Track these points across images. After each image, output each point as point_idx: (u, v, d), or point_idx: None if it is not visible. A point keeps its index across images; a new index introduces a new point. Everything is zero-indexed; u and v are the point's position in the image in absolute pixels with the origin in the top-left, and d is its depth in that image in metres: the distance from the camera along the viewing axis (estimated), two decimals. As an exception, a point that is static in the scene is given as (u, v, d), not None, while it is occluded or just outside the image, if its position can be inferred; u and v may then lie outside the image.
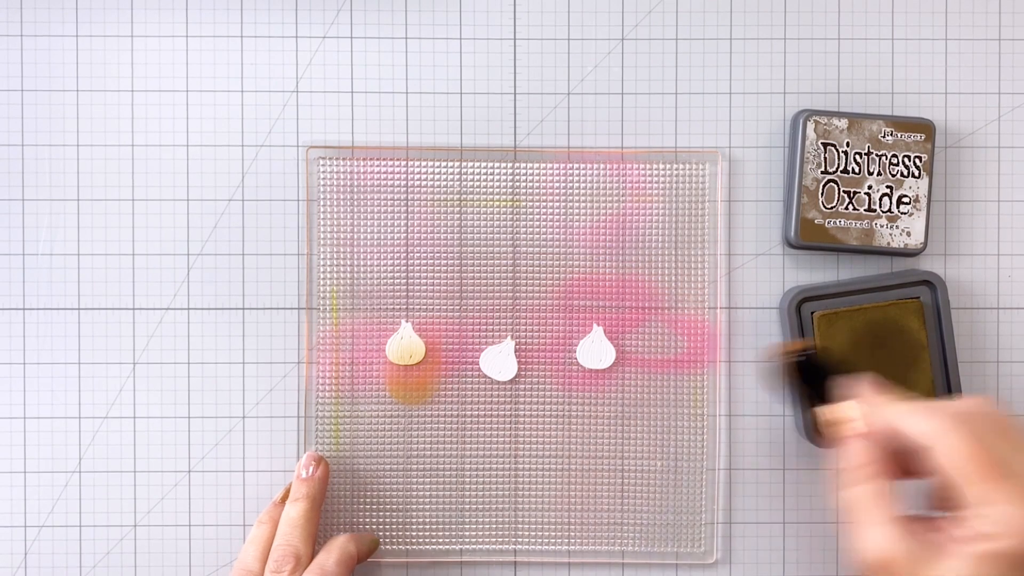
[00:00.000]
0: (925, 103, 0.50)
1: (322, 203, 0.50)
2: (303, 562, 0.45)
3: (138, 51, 0.50)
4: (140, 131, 0.50)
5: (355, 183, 0.50)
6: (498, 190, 0.50)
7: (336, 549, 0.46)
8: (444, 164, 0.50)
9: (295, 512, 0.47)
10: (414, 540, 0.50)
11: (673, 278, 0.50)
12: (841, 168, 0.49)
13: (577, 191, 0.50)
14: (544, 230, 0.50)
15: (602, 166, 0.50)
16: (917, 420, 0.38)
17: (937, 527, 0.37)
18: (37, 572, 0.50)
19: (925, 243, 0.49)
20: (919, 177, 0.49)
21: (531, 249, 0.50)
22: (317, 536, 0.48)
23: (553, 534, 0.50)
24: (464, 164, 0.50)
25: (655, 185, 0.50)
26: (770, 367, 0.48)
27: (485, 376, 0.50)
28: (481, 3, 0.50)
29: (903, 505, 0.38)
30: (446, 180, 0.50)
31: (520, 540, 0.50)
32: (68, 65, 0.50)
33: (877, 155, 0.49)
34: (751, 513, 0.50)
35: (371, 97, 0.50)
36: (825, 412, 0.43)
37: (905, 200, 0.49)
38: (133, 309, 0.50)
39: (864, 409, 0.41)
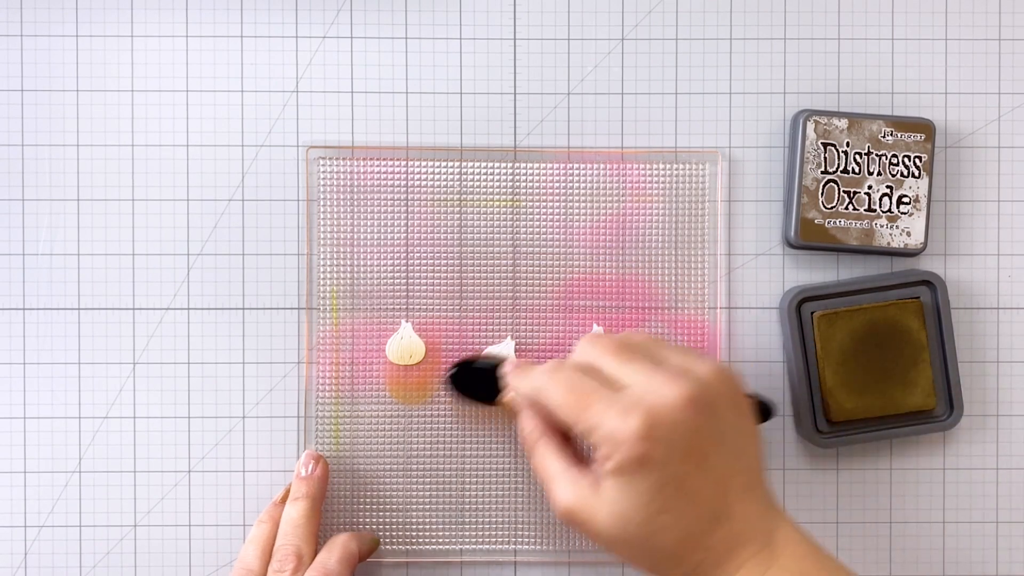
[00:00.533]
0: (925, 103, 0.50)
1: (322, 203, 0.50)
2: (305, 561, 0.45)
3: (138, 51, 0.50)
4: (140, 131, 0.50)
5: (355, 183, 0.50)
6: (498, 190, 0.50)
7: (338, 548, 0.46)
8: (444, 164, 0.50)
9: (296, 512, 0.47)
10: (414, 540, 0.50)
11: (673, 278, 0.50)
12: (841, 168, 0.49)
13: (577, 191, 0.50)
14: (544, 230, 0.50)
15: (602, 166, 0.50)
16: (524, 384, 0.43)
17: (592, 468, 0.41)
18: (37, 572, 0.50)
19: (925, 243, 0.49)
20: (919, 177, 0.49)
21: (531, 249, 0.50)
22: (318, 535, 0.48)
23: (553, 534, 0.50)
24: (464, 164, 0.50)
25: (655, 185, 0.50)
26: (446, 387, 0.50)
27: (485, 376, 0.50)
28: (481, 3, 0.50)
29: (570, 458, 0.42)
30: (446, 180, 0.50)
31: (520, 540, 0.50)
32: (68, 65, 0.50)
33: (877, 155, 0.49)
34: (751, 513, 0.50)
35: (371, 97, 0.50)
36: (501, 402, 0.47)
37: (905, 200, 0.49)
38: (133, 309, 0.50)
39: (513, 387, 0.45)
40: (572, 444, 0.43)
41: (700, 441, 0.38)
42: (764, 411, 0.48)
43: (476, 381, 0.48)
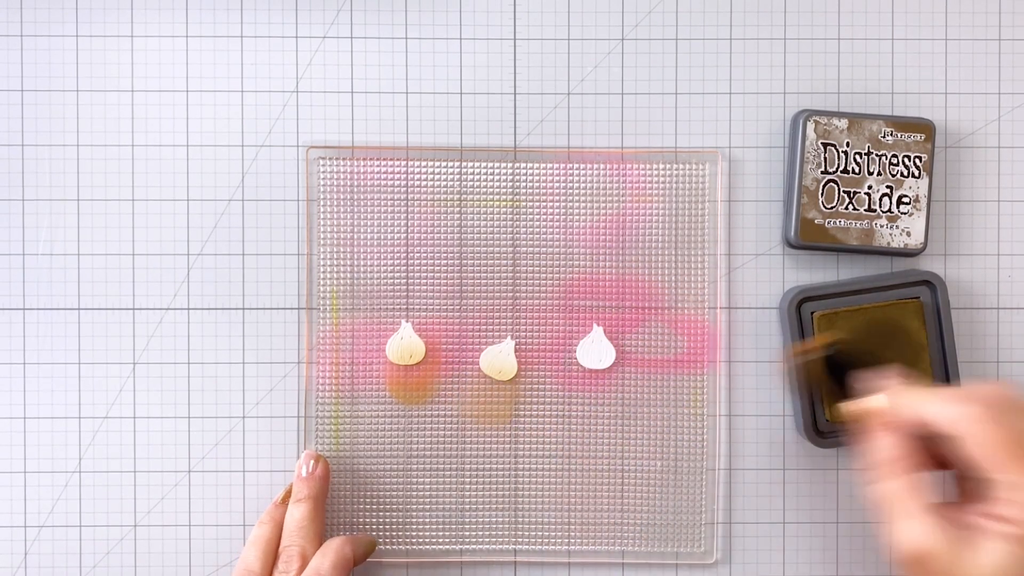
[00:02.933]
0: (925, 103, 0.50)
1: (322, 203, 0.50)
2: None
3: (138, 51, 0.50)
4: (140, 131, 0.50)
5: (355, 183, 0.50)
6: (498, 190, 0.50)
7: (332, 552, 0.45)
8: (444, 164, 0.50)
9: (300, 513, 0.47)
10: (414, 540, 0.50)
11: (673, 278, 0.50)
12: (841, 168, 0.49)
13: (577, 191, 0.50)
14: (544, 230, 0.50)
15: (602, 166, 0.50)
16: (944, 408, 0.38)
17: (969, 516, 0.37)
18: (37, 572, 0.50)
19: (925, 243, 0.49)
20: (919, 177, 0.49)
21: (531, 249, 0.50)
22: (323, 535, 0.47)
23: (553, 534, 0.50)
24: (464, 164, 0.50)
25: (655, 185, 0.50)
26: (791, 365, 0.48)
27: (485, 376, 0.50)
28: (481, 3, 0.50)
29: (934, 496, 0.38)
30: (446, 180, 0.50)
31: (520, 540, 0.50)
32: (68, 65, 0.50)
33: (877, 155, 0.49)
34: (751, 513, 0.50)
35: (371, 97, 0.50)
36: (851, 406, 0.42)
37: (905, 200, 0.49)
38: (133, 309, 0.50)
39: (892, 401, 0.40)
40: (926, 483, 0.39)
41: None
42: None
43: (840, 373, 0.45)
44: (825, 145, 0.49)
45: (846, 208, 0.49)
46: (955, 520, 0.37)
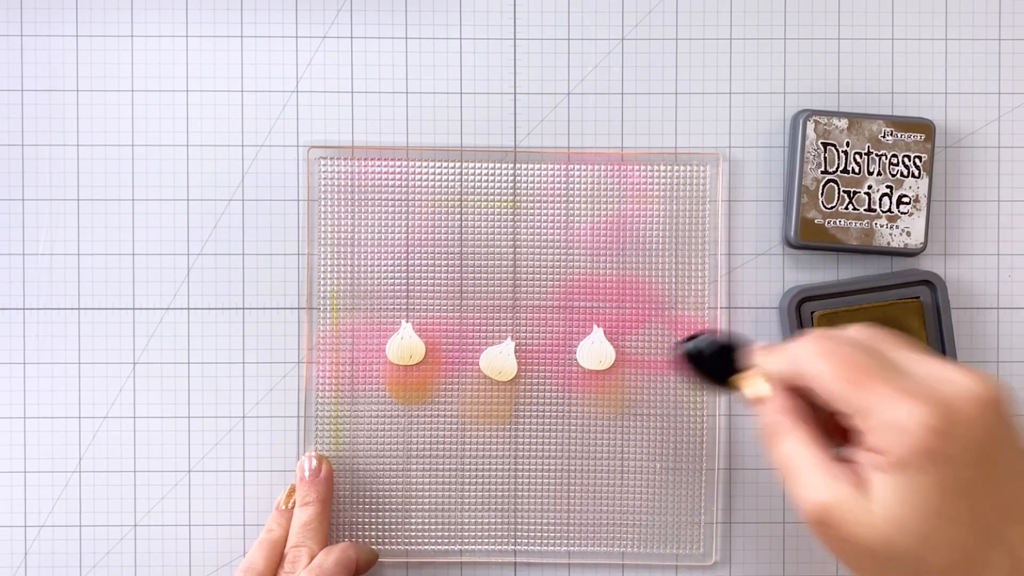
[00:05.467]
0: (925, 103, 0.50)
1: (322, 203, 0.50)
2: None
3: (138, 51, 0.50)
4: (140, 131, 0.50)
5: (355, 183, 0.50)
6: (498, 190, 0.50)
7: (336, 551, 0.46)
8: (444, 164, 0.50)
9: (306, 515, 0.47)
10: (414, 540, 0.50)
11: (673, 279, 0.50)
12: (841, 168, 0.49)
13: (577, 192, 0.50)
14: (544, 231, 0.50)
15: (602, 167, 0.50)
16: (779, 360, 0.37)
17: (855, 461, 0.34)
18: (37, 572, 0.50)
19: (925, 243, 0.49)
20: (919, 177, 0.49)
21: (531, 250, 0.50)
22: (328, 537, 0.48)
23: (553, 535, 0.50)
24: (464, 164, 0.50)
25: (655, 186, 0.50)
26: (675, 361, 0.46)
27: (485, 376, 0.50)
28: (481, 3, 0.50)
29: (826, 450, 0.35)
30: (446, 180, 0.50)
31: (520, 540, 0.50)
32: (68, 65, 0.50)
33: (877, 155, 0.49)
34: (751, 513, 0.50)
35: (371, 97, 0.50)
36: (737, 389, 0.41)
37: (905, 200, 0.49)
38: (133, 309, 0.50)
39: (760, 372, 0.38)
40: (825, 437, 0.36)
41: (994, 448, 0.32)
42: None
43: (711, 358, 0.43)
44: (825, 145, 0.49)
45: (846, 208, 0.49)
46: (848, 466, 0.34)
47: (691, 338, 0.43)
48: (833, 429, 0.36)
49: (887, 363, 0.34)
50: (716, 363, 0.42)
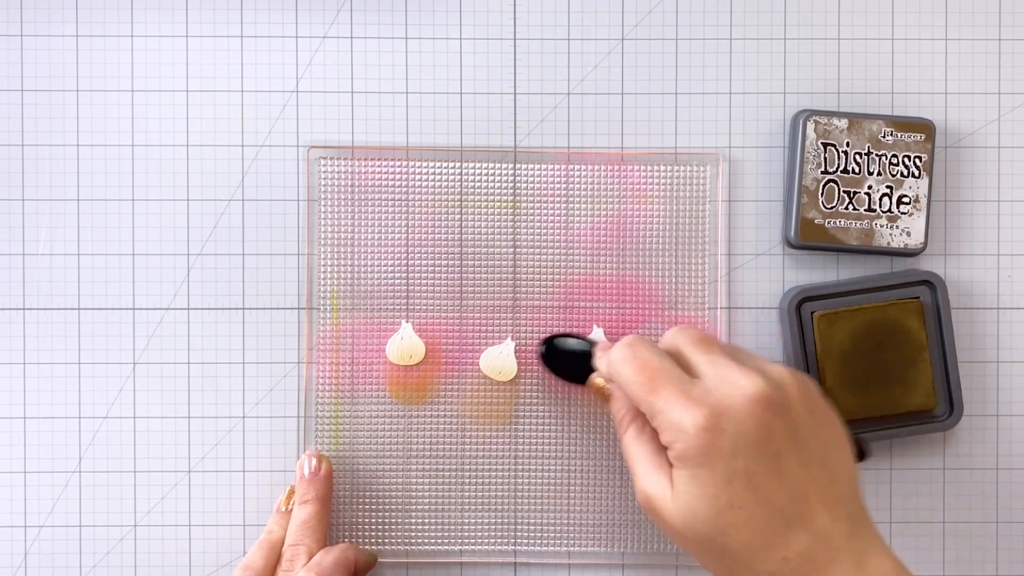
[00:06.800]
0: (925, 103, 0.50)
1: (322, 203, 0.50)
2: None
3: (138, 51, 0.50)
4: (140, 131, 0.50)
5: (355, 183, 0.50)
6: (498, 191, 0.50)
7: (335, 551, 0.46)
8: (444, 164, 0.50)
9: (305, 514, 0.47)
10: (414, 540, 0.50)
11: (673, 279, 0.50)
12: (841, 168, 0.49)
13: (577, 192, 0.50)
14: (544, 231, 0.50)
15: (602, 167, 0.50)
16: (602, 362, 0.42)
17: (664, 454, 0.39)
18: (37, 572, 0.50)
19: (925, 243, 0.49)
20: (919, 177, 0.49)
21: (531, 250, 0.50)
22: (328, 536, 0.48)
23: (553, 534, 0.50)
24: (464, 164, 0.50)
25: (655, 186, 0.50)
26: (539, 363, 0.49)
27: (485, 376, 0.50)
28: (481, 3, 0.50)
29: (654, 444, 0.40)
30: (446, 180, 0.50)
31: (520, 540, 0.50)
32: (68, 65, 0.50)
33: (877, 155, 0.49)
34: (751, 513, 0.50)
35: (371, 97, 0.50)
36: (589, 386, 0.47)
37: (905, 200, 0.49)
38: (133, 309, 0.50)
39: (600, 372, 0.44)
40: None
41: (772, 440, 0.37)
42: (858, 452, 0.44)
43: (566, 359, 0.48)
44: (825, 145, 0.49)
45: (846, 208, 0.49)
46: (666, 463, 0.39)
47: (547, 340, 0.48)
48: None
49: (680, 369, 0.39)
50: (569, 363, 0.47)
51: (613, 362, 0.40)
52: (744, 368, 0.38)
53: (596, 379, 0.46)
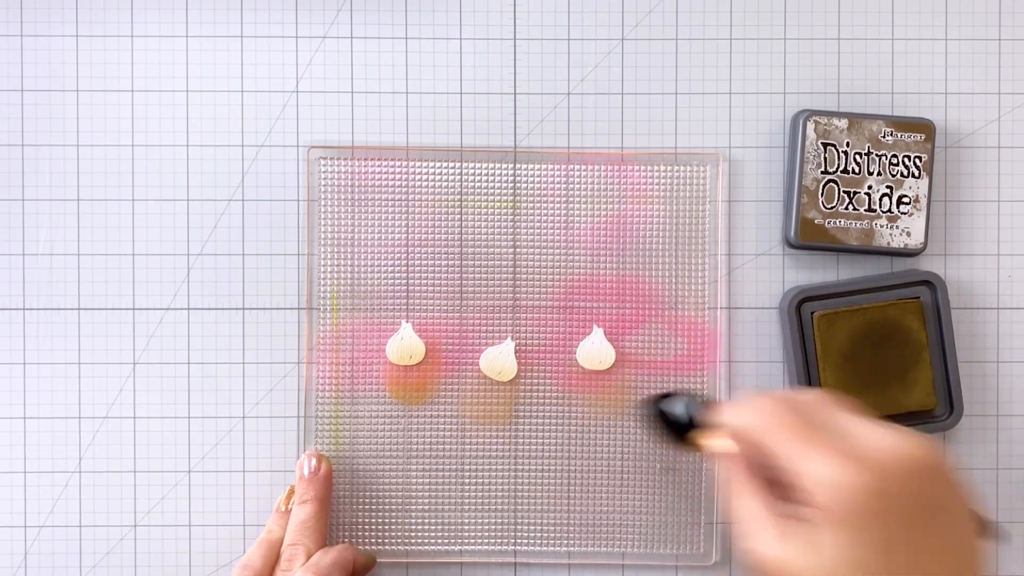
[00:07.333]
0: (925, 103, 0.50)
1: (322, 203, 0.50)
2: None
3: (138, 51, 0.50)
4: (140, 131, 0.50)
5: (355, 183, 0.50)
6: (498, 191, 0.50)
7: (334, 552, 0.45)
8: (444, 164, 0.50)
9: (304, 513, 0.47)
10: (414, 540, 0.50)
11: (673, 279, 0.50)
12: (841, 168, 0.49)
13: (577, 192, 0.50)
14: (544, 231, 0.50)
15: (602, 167, 0.50)
16: (733, 416, 0.39)
17: (800, 515, 0.36)
18: (37, 572, 0.50)
19: (925, 243, 0.49)
20: (919, 177, 0.49)
21: (531, 250, 0.50)
22: (327, 535, 0.48)
23: (553, 534, 0.50)
24: (464, 164, 0.50)
25: (655, 186, 0.50)
26: (646, 418, 0.48)
27: (485, 376, 0.50)
28: (481, 3, 0.50)
29: (776, 505, 0.37)
30: (446, 180, 0.50)
31: (520, 541, 0.50)
32: (68, 65, 0.50)
33: (877, 155, 0.49)
34: (751, 513, 0.50)
35: (371, 97, 0.50)
36: (699, 446, 0.43)
37: (905, 200, 0.49)
38: (133, 309, 0.50)
39: (715, 427, 0.41)
40: (778, 492, 0.38)
41: (924, 507, 0.35)
42: (986, 528, 0.42)
43: (668, 422, 0.45)
44: (825, 145, 0.49)
45: (846, 208, 0.49)
46: (799, 527, 0.36)
47: (662, 397, 0.46)
48: (786, 484, 0.38)
49: (830, 426, 0.37)
50: (683, 422, 0.44)
51: (751, 418, 0.38)
52: (899, 429, 0.36)
53: (702, 438, 0.43)
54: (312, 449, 0.50)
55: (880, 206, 0.49)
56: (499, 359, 0.50)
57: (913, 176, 0.49)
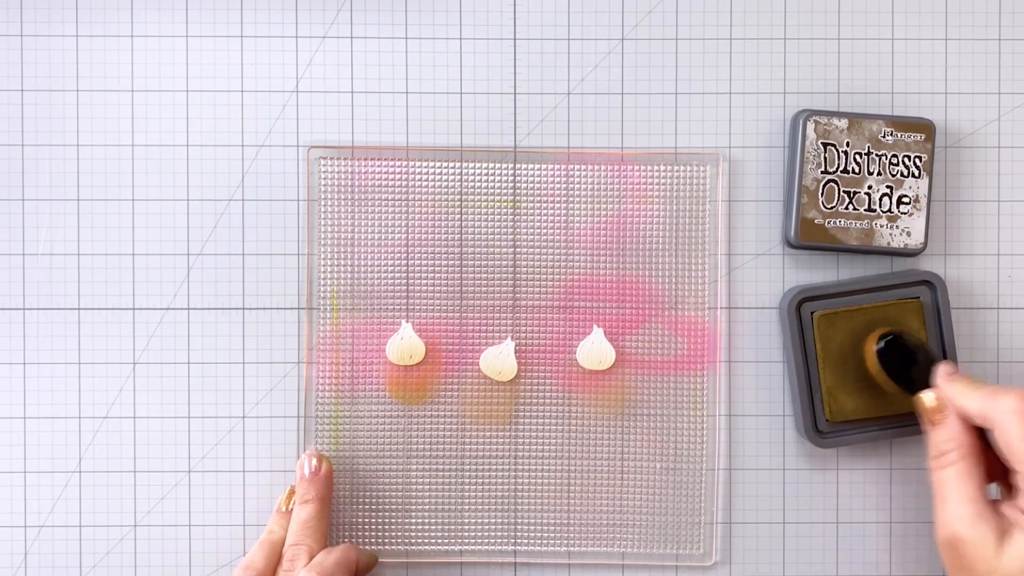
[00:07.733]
0: (925, 103, 0.50)
1: (322, 203, 0.50)
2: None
3: (138, 51, 0.50)
4: (140, 131, 0.50)
5: (355, 183, 0.50)
6: (498, 191, 0.50)
7: (337, 551, 0.46)
8: (444, 164, 0.50)
9: (306, 513, 0.47)
10: (414, 540, 0.50)
11: (673, 279, 0.50)
12: (841, 168, 0.49)
13: (577, 192, 0.50)
14: (544, 231, 0.50)
15: (602, 167, 0.50)
16: (978, 401, 0.41)
17: (1010, 510, 0.39)
18: (37, 572, 0.50)
19: (925, 243, 0.49)
20: (919, 177, 0.49)
21: (531, 250, 0.50)
22: (328, 535, 0.48)
23: (553, 534, 0.50)
24: (464, 164, 0.50)
25: (655, 186, 0.50)
26: (878, 351, 0.48)
27: (485, 376, 0.50)
28: (481, 3, 0.50)
29: (984, 488, 0.40)
30: (446, 180, 0.50)
31: (520, 541, 0.50)
32: (68, 65, 0.50)
33: (877, 155, 0.49)
34: (751, 513, 0.50)
35: (371, 97, 0.50)
36: (916, 399, 0.44)
37: (905, 200, 0.49)
38: (133, 309, 0.50)
39: (940, 396, 0.43)
40: (984, 474, 0.41)
41: None
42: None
43: (901, 364, 0.46)
44: (825, 145, 0.49)
45: (846, 208, 0.49)
46: (998, 512, 0.39)
47: (899, 336, 0.46)
48: (995, 470, 0.41)
49: None
50: (907, 364, 0.46)
51: (1000, 409, 0.39)
52: None
53: (927, 398, 0.43)
54: (312, 449, 0.50)
55: (880, 206, 0.49)
56: (499, 359, 0.50)
57: (913, 176, 0.49)
